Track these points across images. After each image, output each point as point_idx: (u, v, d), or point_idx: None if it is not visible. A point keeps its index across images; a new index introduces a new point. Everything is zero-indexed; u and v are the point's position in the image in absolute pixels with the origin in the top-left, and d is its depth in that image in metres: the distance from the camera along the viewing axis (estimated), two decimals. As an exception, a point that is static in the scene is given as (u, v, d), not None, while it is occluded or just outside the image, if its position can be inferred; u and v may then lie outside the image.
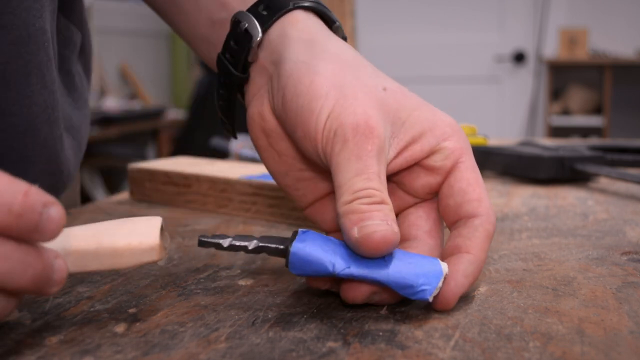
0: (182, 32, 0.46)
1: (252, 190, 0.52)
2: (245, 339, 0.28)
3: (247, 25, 0.37)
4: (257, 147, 0.37)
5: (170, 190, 0.57)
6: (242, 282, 0.36)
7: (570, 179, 0.67)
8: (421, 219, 0.34)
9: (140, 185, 0.59)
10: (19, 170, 0.43)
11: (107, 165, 3.18)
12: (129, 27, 3.55)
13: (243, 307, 0.32)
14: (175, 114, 3.61)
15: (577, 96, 3.57)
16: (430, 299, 0.30)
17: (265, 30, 0.37)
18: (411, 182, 0.34)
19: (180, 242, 0.44)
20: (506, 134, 3.61)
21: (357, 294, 0.30)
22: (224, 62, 0.38)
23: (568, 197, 0.60)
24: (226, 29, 0.39)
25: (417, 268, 0.30)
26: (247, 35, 0.37)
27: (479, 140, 0.76)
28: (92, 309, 0.32)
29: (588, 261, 0.39)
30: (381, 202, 0.30)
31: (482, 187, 0.33)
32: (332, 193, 0.36)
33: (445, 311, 0.31)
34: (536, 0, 3.56)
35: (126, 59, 3.74)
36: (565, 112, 3.56)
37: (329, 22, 0.39)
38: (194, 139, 2.83)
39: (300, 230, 0.31)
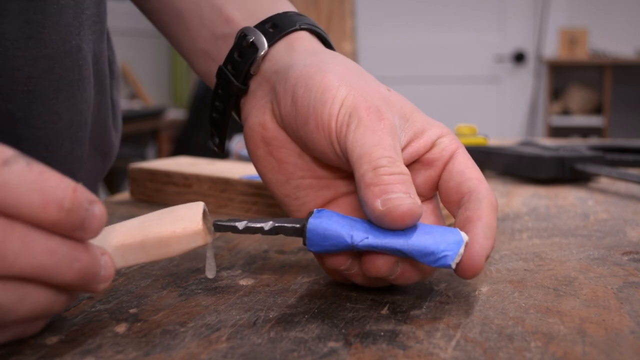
0: (181, 45, 0.47)
1: (252, 190, 0.52)
2: (247, 339, 0.28)
3: (253, 38, 0.39)
4: (255, 157, 0.38)
5: (170, 190, 0.57)
6: (243, 282, 0.36)
7: (571, 179, 0.67)
8: (423, 218, 0.35)
9: (141, 185, 0.59)
10: None
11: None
12: (129, 27, 3.55)
13: (244, 307, 0.32)
14: (175, 114, 3.61)
15: (577, 96, 3.57)
16: (453, 265, 0.30)
17: (271, 45, 0.39)
18: (413, 181, 0.35)
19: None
20: (506, 134, 3.61)
21: (380, 264, 0.30)
22: (225, 73, 0.40)
23: (568, 197, 0.60)
24: (229, 43, 0.41)
25: (437, 236, 0.30)
26: (253, 47, 0.39)
27: (479, 140, 0.76)
28: (93, 309, 0.32)
29: (589, 261, 0.39)
30: (401, 173, 0.30)
31: (479, 171, 0.34)
32: (332, 201, 0.37)
33: (474, 276, 0.30)
34: (536, 0, 3.56)
35: (126, 59, 3.74)
36: (565, 112, 3.56)
37: (327, 43, 0.41)
38: (194, 139, 2.83)
39: (315, 209, 0.31)
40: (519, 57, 3.62)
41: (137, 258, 0.28)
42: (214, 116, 0.42)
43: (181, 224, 0.28)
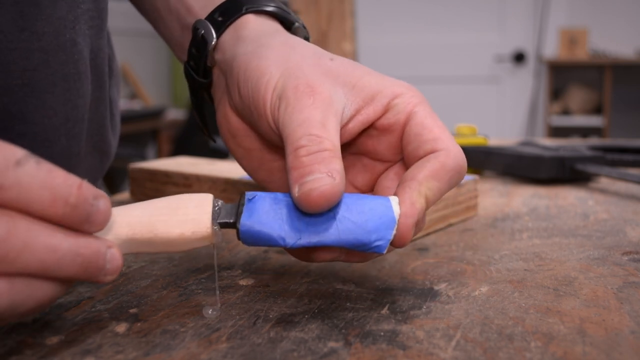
0: (163, 37, 0.48)
1: (252, 190, 0.52)
2: (247, 339, 0.28)
3: (203, 31, 0.39)
4: (229, 149, 0.39)
5: (170, 190, 0.57)
6: (243, 282, 0.36)
7: (571, 179, 0.67)
8: (392, 181, 0.34)
9: (141, 185, 0.59)
10: None
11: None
12: (129, 27, 3.54)
13: (244, 307, 0.32)
14: (175, 114, 3.60)
15: (577, 96, 3.57)
16: (385, 252, 0.29)
17: (220, 34, 0.39)
18: (375, 148, 0.34)
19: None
20: (506, 134, 3.61)
21: (324, 257, 0.31)
22: (188, 69, 0.41)
23: (569, 197, 0.60)
24: (190, 35, 0.41)
25: (368, 223, 0.29)
26: (204, 40, 0.39)
27: (479, 140, 0.76)
28: (93, 309, 0.32)
29: (589, 261, 0.39)
30: (321, 150, 0.29)
31: (439, 127, 0.32)
32: None
33: (403, 246, 0.30)
34: (536, 0, 3.56)
35: (126, 59, 3.74)
36: (565, 112, 3.56)
37: (287, 24, 0.40)
38: (194, 139, 2.83)
39: (247, 195, 0.30)
40: (519, 57, 3.61)
41: (143, 249, 0.29)
42: (196, 108, 0.43)
43: (191, 226, 0.29)
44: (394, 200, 0.30)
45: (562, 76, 3.63)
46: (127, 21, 3.53)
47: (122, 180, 3.23)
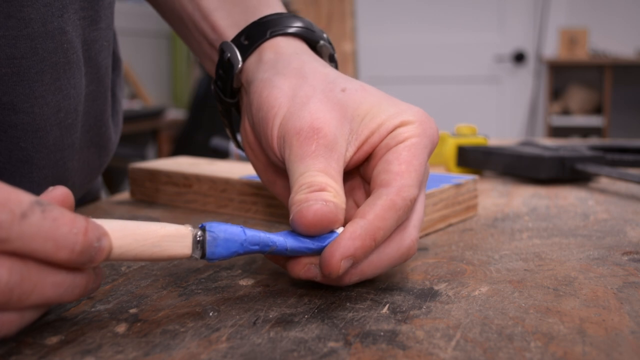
0: (191, 48, 0.49)
1: (252, 190, 0.52)
2: (247, 339, 0.28)
3: (229, 55, 0.40)
4: (250, 160, 0.41)
5: (170, 190, 0.57)
6: (242, 282, 0.36)
7: (571, 179, 0.67)
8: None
9: (141, 185, 0.59)
10: (23, 172, 0.43)
11: (107, 165, 3.17)
12: (129, 27, 3.54)
13: (244, 307, 0.32)
14: (175, 114, 3.61)
15: (577, 96, 3.57)
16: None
17: (245, 58, 0.40)
18: (371, 172, 0.34)
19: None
20: (506, 134, 3.61)
21: (295, 271, 0.32)
22: (216, 90, 0.42)
23: (569, 197, 0.60)
24: (217, 54, 0.43)
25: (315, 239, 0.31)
26: (230, 64, 0.40)
27: (479, 140, 0.76)
28: (93, 309, 0.32)
29: (589, 261, 0.39)
30: (321, 190, 0.30)
31: (411, 167, 0.32)
32: None
33: (331, 275, 0.29)
34: (536, 0, 3.56)
35: (126, 59, 3.74)
36: (565, 112, 3.56)
37: (313, 43, 0.41)
38: (194, 139, 2.83)
39: (206, 226, 0.30)
40: (519, 57, 3.62)
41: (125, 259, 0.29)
42: (226, 118, 0.45)
43: (172, 251, 0.29)
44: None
45: (562, 76, 3.64)
46: (127, 21, 3.53)
47: (122, 180, 3.23)
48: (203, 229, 0.30)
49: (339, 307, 0.32)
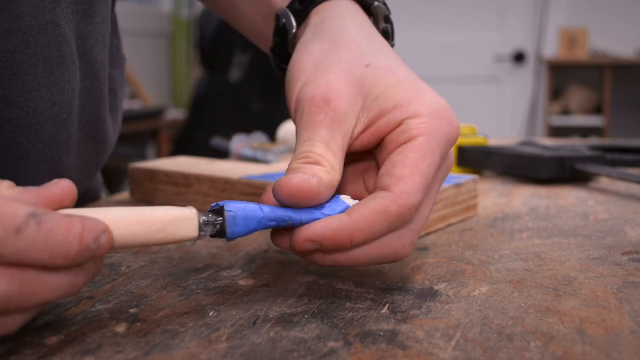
0: (242, 29, 0.50)
1: (252, 190, 0.52)
2: (247, 339, 0.28)
3: (284, 21, 0.41)
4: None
5: (170, 190, 0.57)
6: (242, 282, 0.36)
7: (571, 179, 0.67)
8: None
9: (141, 185, 0.59)
10: (19, 168, 0.43)
11: (107, 165, 3.16)
12: (129, 27, 3.54)
13: (244, 307, 0.32)
14: (175, 114, 3.60)
15: (577, 96, 3.57)
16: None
17: (300, 24, 0.40)
18: (382, 164, 0.34)
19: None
20: (506, 134, 3.61)
21: (299, 246, 0.31)
22: (274, 57, 0.43)
23: (569, 197, 0.60)
24: (274, 23, 0.43)
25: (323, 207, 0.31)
26: (285, 30, 0.41)
27: (479, 140, 0.76)
28: (93, 309, 0.32)
29: (589, 261, 0.39)
30: (315, 163, 0.30)
31: (416, 171, 0.31)
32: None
33: (294, 249, 0.30)
34: (536, 0, 3.56)
35: (126, 59, 3.74)
36: (565, 112, 3.56)
37: (367, 5, 0.41)
38: (194, 139, 2.83)
39: (225, 207, 0.30)
40: (519, 57, 3.62)
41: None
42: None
43: (177, 234, 0.29)
44: (347, 199, 0.32)
45: (562, 76, 3.63)
46: (127, 21, 3.53)
47: (122, 180, 3.23)
48: (217, 209, 0.30)
49: (339, 307, 0.32)
